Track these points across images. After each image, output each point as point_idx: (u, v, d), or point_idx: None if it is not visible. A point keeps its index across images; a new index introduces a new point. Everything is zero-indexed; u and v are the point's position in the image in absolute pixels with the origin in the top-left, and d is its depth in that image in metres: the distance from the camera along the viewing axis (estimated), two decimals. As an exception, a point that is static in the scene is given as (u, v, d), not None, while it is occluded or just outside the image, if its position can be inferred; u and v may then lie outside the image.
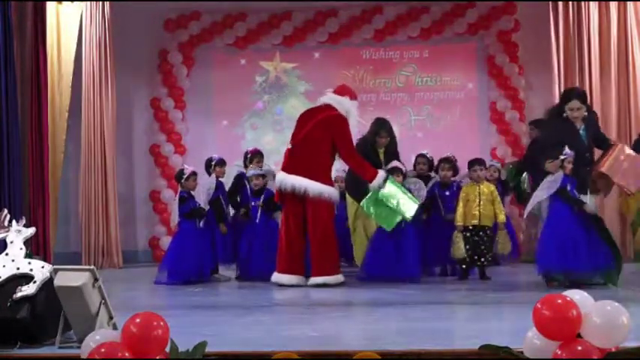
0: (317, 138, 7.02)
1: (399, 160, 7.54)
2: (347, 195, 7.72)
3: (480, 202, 7.26)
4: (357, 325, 4.89)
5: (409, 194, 7.05)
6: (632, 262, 8.35)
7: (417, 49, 10.39)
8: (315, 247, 6.95)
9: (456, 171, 7.87)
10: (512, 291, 6.50)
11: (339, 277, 6.95)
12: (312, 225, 6.95)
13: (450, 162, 7.83)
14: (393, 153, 7.64)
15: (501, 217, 7.31)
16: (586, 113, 6.81)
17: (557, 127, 6.88)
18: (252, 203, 7.75)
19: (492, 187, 7.46)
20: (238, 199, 7.97)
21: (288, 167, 7.13)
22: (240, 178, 7.97)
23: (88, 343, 3.36)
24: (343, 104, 7.17)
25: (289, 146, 7.25)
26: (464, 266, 7.26)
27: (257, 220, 7.70)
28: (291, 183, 6.96)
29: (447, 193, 7.77)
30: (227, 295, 6.98)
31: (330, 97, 7.25)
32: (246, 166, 8.07)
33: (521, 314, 4.13)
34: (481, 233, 7.24)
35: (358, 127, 9.83)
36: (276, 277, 7.02)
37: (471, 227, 7.23)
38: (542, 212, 7.32)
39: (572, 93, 6.99)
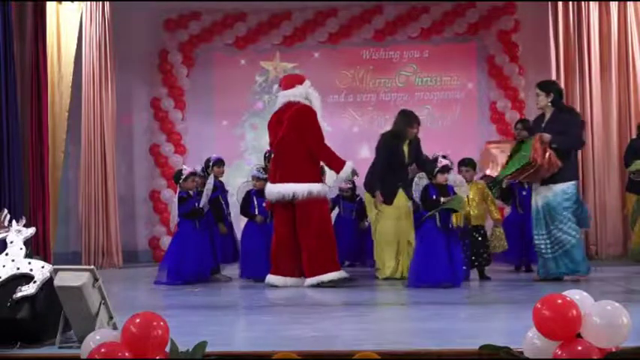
0: (292, 138, 6.90)
1: (421, 153, 7.53)
2: (366, 195, 7.65)
3: (468, 202, 7.21)
4: (357, 325, 4.88)
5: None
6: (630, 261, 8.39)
7: (417, 49, 10.41)
8: (307, 247, 6.85)
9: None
10: (512, 291, 6.49)
11: (336, 274, 6.84)
12: (304, 225, 6.86)
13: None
14: (417, 145, 7.63)
15: (495, 215, 7.27)
16: (549, 103, 6.91)
17: (533, 121, 7.22)
18: (264, 204, 7.74)
19: (482, 186, 7.42)
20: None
21: (272, 177, 7.08)
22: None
23: (88, 343, 3.36)
24: (299, 94, 7.03)
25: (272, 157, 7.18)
26: (464, 267, 7.24)
27: (268, 221, 7.67)
28: (277, 191, 6.90)
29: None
30: (227, 295, 6.97)
31: (284, 95, 7.13)
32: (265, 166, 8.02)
33: (521, 314, 4.13)
34: (475, 234, 7.23)
35: (360, 123, 9.91)
36: (269, 278, 6.98)
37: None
38: None
39: (537, 83, 7.28)
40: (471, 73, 10.35)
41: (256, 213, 7.71)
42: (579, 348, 3.04)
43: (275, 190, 6.92)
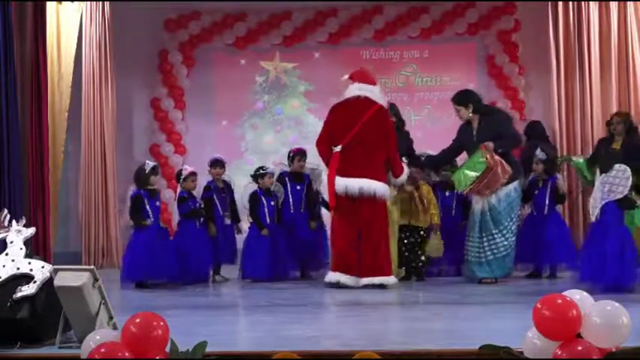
0: (371, 136, 6.79)
1: (409, 140, 7.56)
2: None
3: (415, 202, 7.22)
4: (357, 325, 4.89)
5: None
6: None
7: (417, 49, 10.40)
8: (373, 247, 6.77)
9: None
10: (512, 291, 6.50)
11: (393, 279, 6.80)
12: (371, 225, 6.77)
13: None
14: (406, 138, 7.63)
15: (435, 219, 7.26)
16: (471, 114, 7.03)
17: (460, 130, 7.25)
18: (272, 203, 7.72)
19: (428, 188, 7.42)
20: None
21: (344, 170, 6.80)
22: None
23: (88, 343, 3.36)
24: (376, 93, 7.01)
25: (338, 149, 6.86)
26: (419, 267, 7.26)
27: (272, 222, 7.68)
28: (358, 186, 6.72)
29: (447, 193, 7.76)
30: (227, 295, 6.97)
31: (362, 89, 6.96)
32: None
33: (521, 314, 4.13)
34: (415, 235, 7.27)
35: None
36: (331, 276, 6.85)
37: (405, 228, 7.25)
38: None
39: (451, 98, 7.27)
40: (471, 73, 10.34)
41: (266, 213, 7.67)
42: (579, 348, 3.04)
43: (355, 184, 6.74)
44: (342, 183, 6.79)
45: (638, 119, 9.14)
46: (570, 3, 9.35)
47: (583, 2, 9.31)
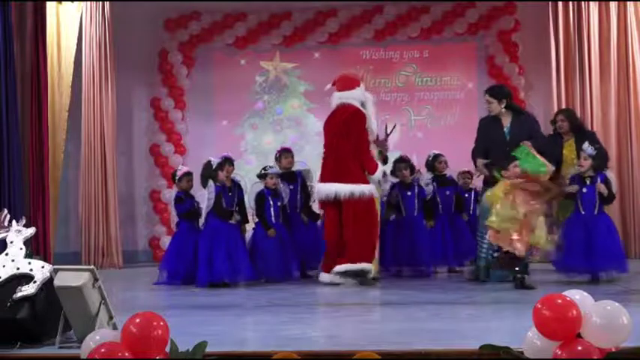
0: (341, 140, 7.07)
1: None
2: None
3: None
4: (357, 325, 4.89)
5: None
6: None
7: (417, 49, 10.41)
8: (350, 245, 6.98)
9: (412, 170, 7.92)
10: (513, 291, 6.49)
11: (364, 266, 6.93)
12: (347, 223, 7.01)
13: (405, 162, 7.90)
14: None
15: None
16: (502, 109, 6.99)
17: (483, 123, 7.24)
18: (279, 203, 7.71)
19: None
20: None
21: (322, 176, 7.25)
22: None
23: (88, 343, 3.36)
24: (355, 97, 7.18)
25: (323, 157, 7.35)
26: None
27: (278, 221, 7.67)
28: (324, 192, 7.12)
29: (409, 193, 7.77)
30: (227, 295, 6.95)
31: (339, 97, 7.23)
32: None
33: (521, 314, 4.13)
34: None
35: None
36: (322, 276, 7.12)
37: None
38: None
39: (486, 89, 7.28)
40: (471, 73, 10.34)
41: (272, 214, 7.65)
42: (579, 348, 3.04)
43: (322, 189, 7.15)
44: (318, 188, 7.25)
45: (638, 119, 9.21)
46: (570, 3, 9.36)
47: (583, 2, 9.32)
